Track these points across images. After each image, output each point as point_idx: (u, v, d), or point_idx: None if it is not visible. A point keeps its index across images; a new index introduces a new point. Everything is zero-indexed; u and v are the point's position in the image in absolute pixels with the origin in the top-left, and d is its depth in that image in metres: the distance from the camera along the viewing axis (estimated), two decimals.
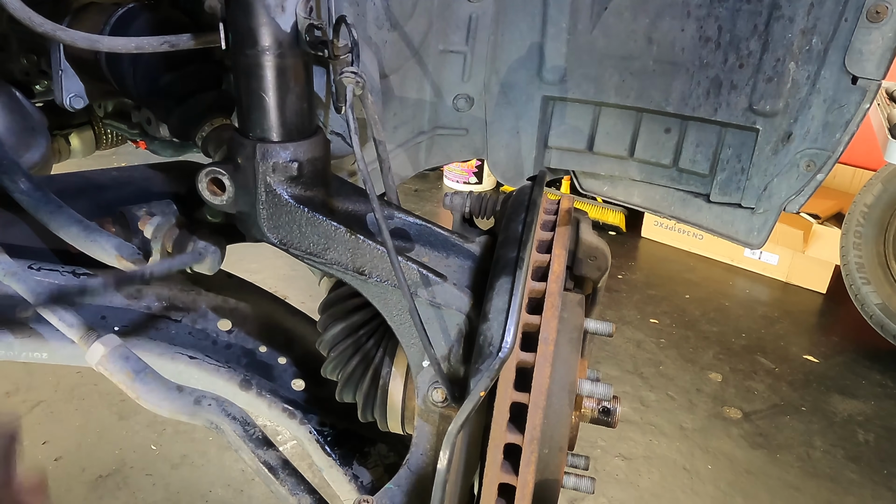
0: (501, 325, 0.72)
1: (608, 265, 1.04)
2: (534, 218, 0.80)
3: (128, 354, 0.82)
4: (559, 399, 0.79)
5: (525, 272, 0.73)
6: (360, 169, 0.77)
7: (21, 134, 1.23)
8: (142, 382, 0.80)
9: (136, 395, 0.80)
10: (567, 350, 0.80)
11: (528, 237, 0.77)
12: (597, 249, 1.02)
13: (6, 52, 1.31)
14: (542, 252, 0.79)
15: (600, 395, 0.82)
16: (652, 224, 5.17)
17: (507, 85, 1.38)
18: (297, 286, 3.81)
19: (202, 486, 2.85)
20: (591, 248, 1.01)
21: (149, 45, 0.87)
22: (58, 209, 0.92)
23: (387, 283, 0.86)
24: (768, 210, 1.26)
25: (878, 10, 1.04)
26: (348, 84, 0.81)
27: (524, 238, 0.76)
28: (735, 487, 2.92)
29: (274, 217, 0.88)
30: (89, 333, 0.82)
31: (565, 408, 0.79)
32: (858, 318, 3.96)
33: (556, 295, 0.74)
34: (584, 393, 0.82)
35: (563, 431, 0.79)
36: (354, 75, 0.81)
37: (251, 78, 0.84)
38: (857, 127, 1.13)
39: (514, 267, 0.73)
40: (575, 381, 0.80)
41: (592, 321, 0.88)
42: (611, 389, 0.82)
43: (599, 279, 1.04)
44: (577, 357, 0.80)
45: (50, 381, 3.34)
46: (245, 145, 0.86)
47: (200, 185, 0.88)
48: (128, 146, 1.75)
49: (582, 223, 1.03)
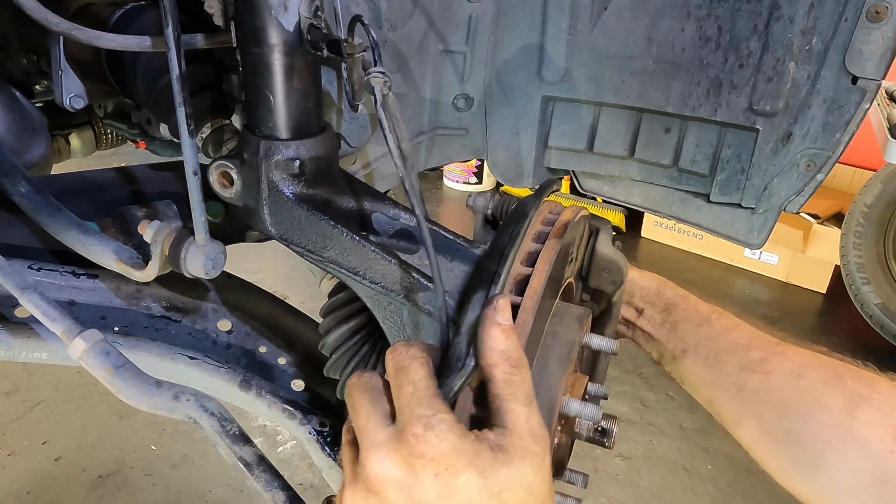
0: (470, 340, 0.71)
1: (623, 279, 1.00)
2: (520, 230, 0.77)
3: (108, 350, 0.82)
4: None
5: (501, 286, 0.71)
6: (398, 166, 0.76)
7: (21, 134, 1.23)
8: (121, 378, 0.80)
9: (115, 389, 0.81)
10: (554, 366, 0.77)
11: (510, 250, 0.74)
12: (611, 262, 0.98)
13: (6, 52, 1.31)
14: (529, 265, 0.76)
15: (587, 416, 0.78)
16: (652, 224, 5.17)
17: (507, 85, 1.38)
18: (297, 286, 3.82)
19: (202, 486, 2.85)
20: (605, 260, 0.98)
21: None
22: (57, 212, 0.93)
23: (378, 285, 0.86)
24: (768, 210, 1.26)
25: (878, 10, 1.04)
26: (376, 84, 0.79)
27: (506, 251, 0.74)
28: (735, 487, 2.92)
29: (275, 213, 0.89)
30: (72, 328, 0.82)
31: None
32: (858, 318, 3.96)
33: (530, 311, 0.71)
34: (570, 412, 0.78)
35: None
36: (382, 75, 0.79)
37: (256, 76, 0.85)
38: (857, 127, 1.13)
39: (490, 281, 0.71)
40: (557, 399, 0.77)
41: (596, 337, 0.85)
42: (600, 411, 0.78)
43: (614, 293, 1.00)
44: (564, 374, 0.77)
45: (50, 381, 3.34)
46: (250, 141, 0.88)
47: (211, 178, 0.91)
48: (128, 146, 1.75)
49: (602, 234, 0.99)
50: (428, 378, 0.62)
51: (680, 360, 1.08)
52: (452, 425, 0.58)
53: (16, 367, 3.37)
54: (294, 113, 0.87)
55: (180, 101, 0.80)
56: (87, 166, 1.26)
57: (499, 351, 0.64)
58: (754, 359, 0.98)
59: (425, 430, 0.57)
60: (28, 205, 0.94)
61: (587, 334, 0.85)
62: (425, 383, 0.62)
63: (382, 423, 0.61)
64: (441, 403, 0.60)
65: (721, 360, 1.01)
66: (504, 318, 0.66)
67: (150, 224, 0.88)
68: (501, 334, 0.64)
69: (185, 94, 0.80)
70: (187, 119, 0.81)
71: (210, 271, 0.86)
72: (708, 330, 1.06)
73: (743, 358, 1.00)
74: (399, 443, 0.58)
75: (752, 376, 0.97)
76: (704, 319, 1.08)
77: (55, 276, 0.97)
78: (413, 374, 0.62)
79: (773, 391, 0.95)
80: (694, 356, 1.06)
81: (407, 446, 0.58)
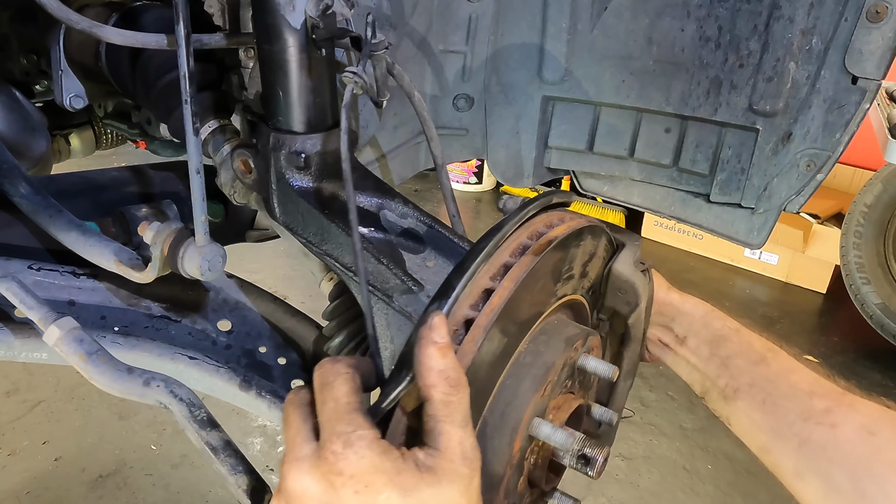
0: None
1: (638, 301, 0.93)
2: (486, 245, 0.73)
3: (82, 337, 0.83)
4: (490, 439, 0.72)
5: (452, 302, 0.67)
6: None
7: (21, 134, 1.23)
8: (93, 364, 0.82)
9: (88, 376, 0.83)
10: (526, 386, 0.74)
11: (471, 263, 0.70)
12: (625, 282, 0.91)
13: (6, 52, 1.30)
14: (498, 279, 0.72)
15: (556, 442, 0.74)
16: (652, 224, 5.17)
17: (507, 85, 1.38)
18: (297, 286, 3.81)
19: (202, 486, 2.85)
20: (619, 280, 0.91)
21: None
22: (57, 213, 0.93)
23: (368, 283, 0.86)
24: (768, 210, 1.27)
25: (878, 10, 1.04)
26: (348, 83, 0.81)
27: (466, 264, 0.69)
28: (735, 487, 2.92)
29: (283, 202, 0.93)
30: (48, 315, 0.84)
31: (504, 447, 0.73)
32: (858, 318, 3.96)
33: (482, 329, 0.67)
34: (538, 435, 0.75)
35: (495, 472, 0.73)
36: (353, 75, 0.80)
37: (267, 70, 0.89)
38: (857, 127, 1.14)
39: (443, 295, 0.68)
40: (521, 419, 0.73)
41: (593, 360, 0.81)
42: (572, 439, 0.74)
43: (629, 315, 0.94)
44: (535, 395, 0.74)
45: (50, 381, 3.33)
46: (263, 133, 0.92)
47: (234, 164, 0.97)
48: (128, 146, 1.75)
49: (624, 251, 0.92)
50: (350, 394, 0.61)
51: (731, 400, 1.00)
52: (372, 442, 0.58)
53: (16, 367, 3.37)
54: (302, 108, 0.89)
55: (187, 98, 0.81)
56: (87, 166, 1.26)
57: (436, 371, 0.61)
58: (818, 408, 0.91)
59: (344, 448, 0.57)
60: (28, 206, 0.95)
61: (583, 356, 0.81)
62: (347, 399, 0.61)
63: (308, 438, 0.61)
64: (362, 420, 0.59)
65: (780, 406, 0.94)
66: (440, 336, 0.62)
67: (150, 225, 0.88)
68: (437, 353, 0.61)
69: (192, 92, 0.81)
70: (192, 117, 0.82)
71: (206, 272, 0.86)
72: (765, 370, 0.98)
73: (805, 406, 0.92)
74: (319, 459, 0.58)
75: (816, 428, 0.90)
76: (760, 358, 1.00)
77: (55, 276, 0.97)
78: (336, 390, 0.61)
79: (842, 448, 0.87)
80: (749, 399, 0.98)
81: (326, 463, 0.57)
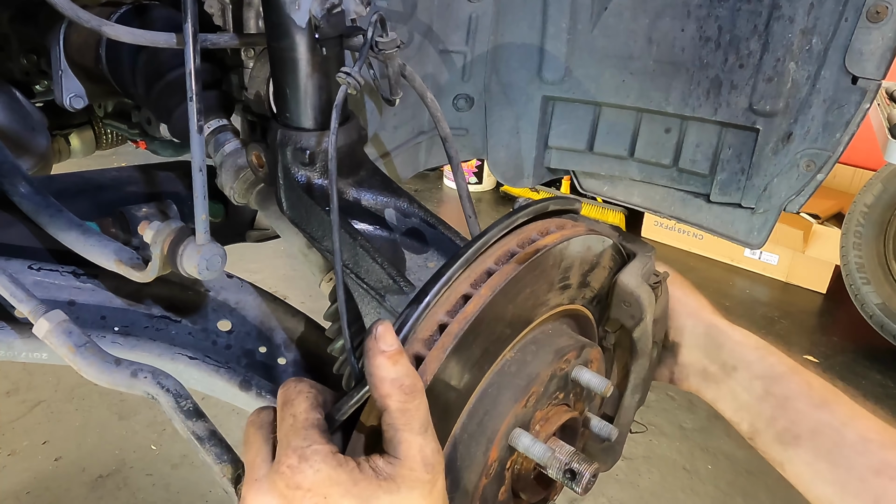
0: None
1: (643, 315, 0.89)
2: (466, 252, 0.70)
3: (71, 329, 0.84)
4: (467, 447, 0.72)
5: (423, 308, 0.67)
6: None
7: (21, 134, 1.23)
8: (82, 356, 0.83)
9: (77, 367, 0.83)
10: (506, 396, 0.73)
11: (447, 269, 0.69)
12: (629, 294, 0.88)
13: (6, 52, 1.31)
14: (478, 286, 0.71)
15: (534, 455, 0.73)
16: (652, 224, 5.17)
17: (507, 85, 1.38)
18: (297, 286, 3.81)
19: (202, 486, 2.85)
20: (623, 292, 0.88)
21: None
22: (57, 213, 0.93)
23: (363, 281, 0.87)
24: (768, 210, 1.27)
25: (878, 10, 1.04)
26: (341, 83, 0.80)
27: (443, 270, 0.69)
28: (735, 487, 2.92)
29: (289, 197, 0.94)
30: (38, 308, 0.84)
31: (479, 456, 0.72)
32: (858, 318, 3.96)
33: (452, 336, 0.67)
34: (517, 447, 0.74)
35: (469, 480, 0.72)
36: (346, 75, 0.80)
37: (276, 68, 0.90)
38: (857, 127, 1.14)
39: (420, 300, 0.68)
40: (498, 429, 0.72)
41: (587, 373, 0.79)
42: (549, 452, 0.73)
43: (633, 328, 0.91)
44: (514, 405, 0.73)
45: (50, 381, 3.34)
46: (272, 128, 0.94)
47: (248, 158, 0.99)
48: (128, 146, 1.75)
49: (633, 262, 0.90)
50: (309, 410, 0.62)
51: (790, 447, 0.92)
52: (327, 456, 0.58)
53: (16, 367, 3.37)
54: (308, 105, 0.90)
55: (192, 95, 0.81)
56: (87, 166, 1.26)
57: (389, 380, 0.60)
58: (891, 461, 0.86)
59: (300, 462, 0.57)
60: (28, 205, 0.95)
61: (577, 368, 0.80)
62: (305, 415, 0.61)
63: (267, 459, 0.61)
64: (317, 434, 0.60)
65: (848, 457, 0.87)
66: (387, 345, 0.61)
67: (150, 225, 0.88)
68: (388, 362, 0.60)
69: (197, 90, 0.81)
70: (197, 115, 0.82)
71: (204, 272, 0.86)
72: (828, 416, 0.91)
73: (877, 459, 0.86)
74: (275, 474, 0.58)
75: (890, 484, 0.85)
76: (822, 401, 0.92)
77: (55, 276, 0.97)
78: (295, 408, 0.62)
79: None
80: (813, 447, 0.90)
81: (283, 478, 0.58)
